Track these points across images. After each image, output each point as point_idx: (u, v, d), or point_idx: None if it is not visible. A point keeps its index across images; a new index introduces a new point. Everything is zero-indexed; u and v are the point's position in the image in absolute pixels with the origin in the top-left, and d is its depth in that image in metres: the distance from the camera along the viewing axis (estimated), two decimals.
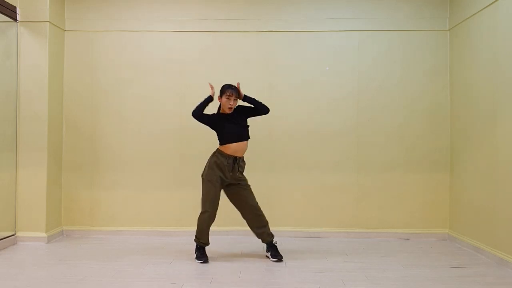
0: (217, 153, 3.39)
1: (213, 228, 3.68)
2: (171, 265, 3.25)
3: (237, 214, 3.58)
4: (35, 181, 3.93)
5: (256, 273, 3.08)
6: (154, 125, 4.28)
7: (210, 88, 3.45)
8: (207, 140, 4.23)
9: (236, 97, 3.36)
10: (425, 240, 4.13)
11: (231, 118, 3.39)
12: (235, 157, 3.36)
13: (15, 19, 3.92)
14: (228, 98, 3.34)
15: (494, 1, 3.44)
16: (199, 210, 4.26)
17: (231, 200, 3.49)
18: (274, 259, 3.36)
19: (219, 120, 3.40)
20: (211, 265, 3.27)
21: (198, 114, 3.38)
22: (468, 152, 3.87)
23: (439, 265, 3.31)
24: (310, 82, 4.27)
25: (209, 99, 3.42)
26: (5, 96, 3.86)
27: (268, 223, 3.49)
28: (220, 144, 3.41)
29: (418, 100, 4.24)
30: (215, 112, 3.47)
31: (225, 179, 3.37)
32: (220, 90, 3.41)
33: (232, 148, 3.36)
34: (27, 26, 3.95)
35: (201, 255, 3.40)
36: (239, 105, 3.46)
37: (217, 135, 3.43)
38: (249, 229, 4.26)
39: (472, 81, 3.79)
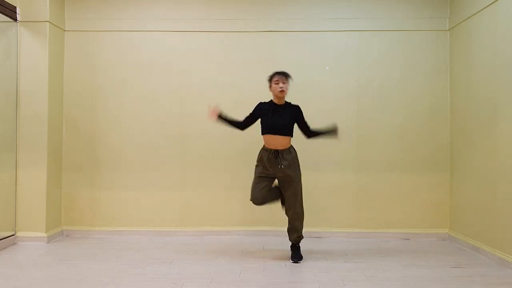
0: (263, 146, 3.38)
1: (213, 228, 3.70)
2: (171, 265, 3.25)
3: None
4: (35, 181, 3.93)
5: (256, 273, 3.08)
6: (154, 125, 4.28)
7: (212, 113, 3.37)
8: (208, 139, 4.25)
9: (284, 81, 3.28)
10: (425, 240, 4.13)
11: (278, 109, 3.32)
12: (276, 150, 3.28)
13: (15, 19, 3.92)
14: (276, 83, 3.27)
15: (494, 1, 3.44)
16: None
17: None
18: (292, 261, 3.34)
19: (266, 109, 3.33)
20: (211, 265, 3.27)
21: (239, 126, 3.38)
22: (468, 152, 3.87)
23: (439, 265, 3.31)
24: (310, 82, 4.27)
25: (220, 119, 3.38)
26: (5, 96, 3.86)
27: (298, 224, 3.41)
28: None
29: (418, 100, 4.24)
30: (267, 101, 3.39)
31: (269, 173, 3.32)
32: (269, 79, 3.37)
33: (266, 140, 3.32)
34: (27, 26, 3.95)
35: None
36: (298, 107, 3.36)
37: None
38: (248, 229, 4.28)
39: (472, 81, 3.79)
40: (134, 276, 2.99)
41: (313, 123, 4.24)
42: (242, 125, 3.44)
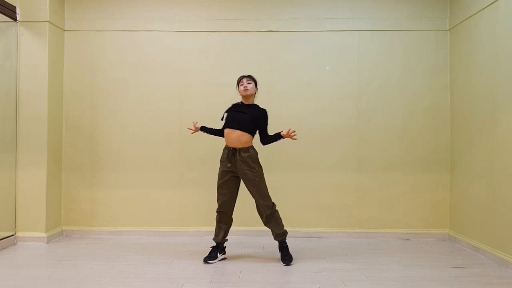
0: (225, 145, 3.40)
1: (213, 228, 3.67)
2: (171, 265, 3.25)
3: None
4: (35, 181, 3.93)
5: (256, 273, 3.08)
6: (154, 125, 4.28)
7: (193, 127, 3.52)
8: (208, 139, 4.24)
9: (249, 81, 3.36)
10: (425, 240, 4.13)
11: (243, 108, 3.37)
12: (234, 149, 3.28)
13: (15, 19, 3.92)
14: (241, 84, 3.36)
15: (494, 1, 3.44)
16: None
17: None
18: (283, 264, 3.26)
19: (233, 108, 3.40)
20: (211, 265, 3.27)
21: (220, 134, 3.44)
22: (468, 152, 3.87)
23: (439, 265, 3.31)
24: (310, 82, 4.27)
25: (203, 131, 3.52)
26: (5, 96, 3.86)
27: (272, 215, 3.33)
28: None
29: (418, 99, 4.24)
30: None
31: (231, 171, 3.32)
32: (237, 84, 3.45)
33: (225, 136, 3.34)
34: (27, 26, 3.95)
35: (209, 253, 3.39)
36: (264, 111, 3.40)
37: None
38: (248, 229, 4.27)
39: (472, 81, 3.79)
40: (134, 276, 2.99)
41: (313, 123, 4.27)
42: (222, 132, 3.43)
